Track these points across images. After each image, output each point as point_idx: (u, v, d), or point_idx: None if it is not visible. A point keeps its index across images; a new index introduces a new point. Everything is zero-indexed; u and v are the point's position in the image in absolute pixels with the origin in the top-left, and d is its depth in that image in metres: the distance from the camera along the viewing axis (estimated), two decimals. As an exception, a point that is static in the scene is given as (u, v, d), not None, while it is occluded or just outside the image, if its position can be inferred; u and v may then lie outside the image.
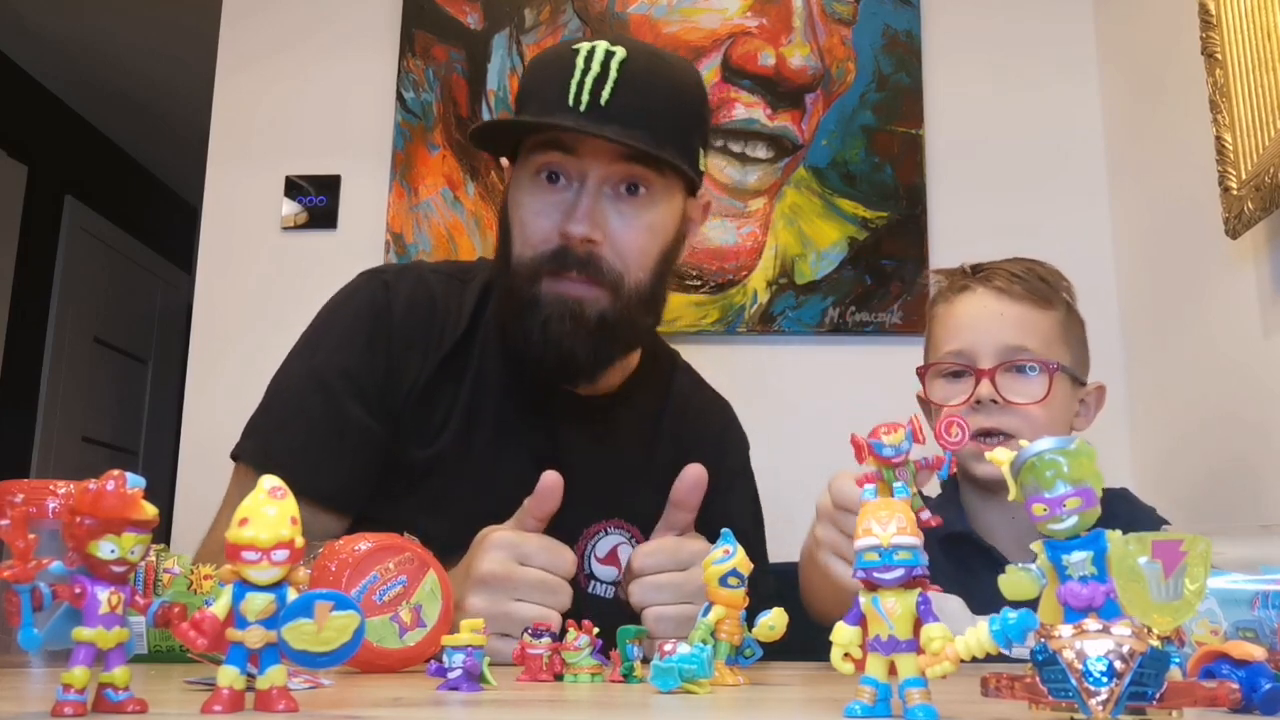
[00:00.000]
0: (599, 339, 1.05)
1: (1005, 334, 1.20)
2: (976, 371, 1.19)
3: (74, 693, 0.44)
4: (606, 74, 1.02)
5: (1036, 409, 1.17)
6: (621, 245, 1.05)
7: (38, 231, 3.86)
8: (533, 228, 1.06)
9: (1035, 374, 1.18)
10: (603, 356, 1.08)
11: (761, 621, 0.78)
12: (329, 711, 0.50)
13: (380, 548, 0.80)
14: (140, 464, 4.35)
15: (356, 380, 1.07)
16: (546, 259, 1.04)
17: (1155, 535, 0.43)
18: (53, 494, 0.82)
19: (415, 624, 0.80)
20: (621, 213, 1.05)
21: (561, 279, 1.04)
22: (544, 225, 1.05)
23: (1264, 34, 1.32)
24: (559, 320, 1.03)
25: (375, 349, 1.09)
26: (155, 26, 3.49)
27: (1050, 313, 1.23)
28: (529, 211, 1.07)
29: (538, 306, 1.04)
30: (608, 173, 1.04)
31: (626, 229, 1.05)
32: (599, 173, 1.04)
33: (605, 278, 1.04)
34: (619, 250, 1.05)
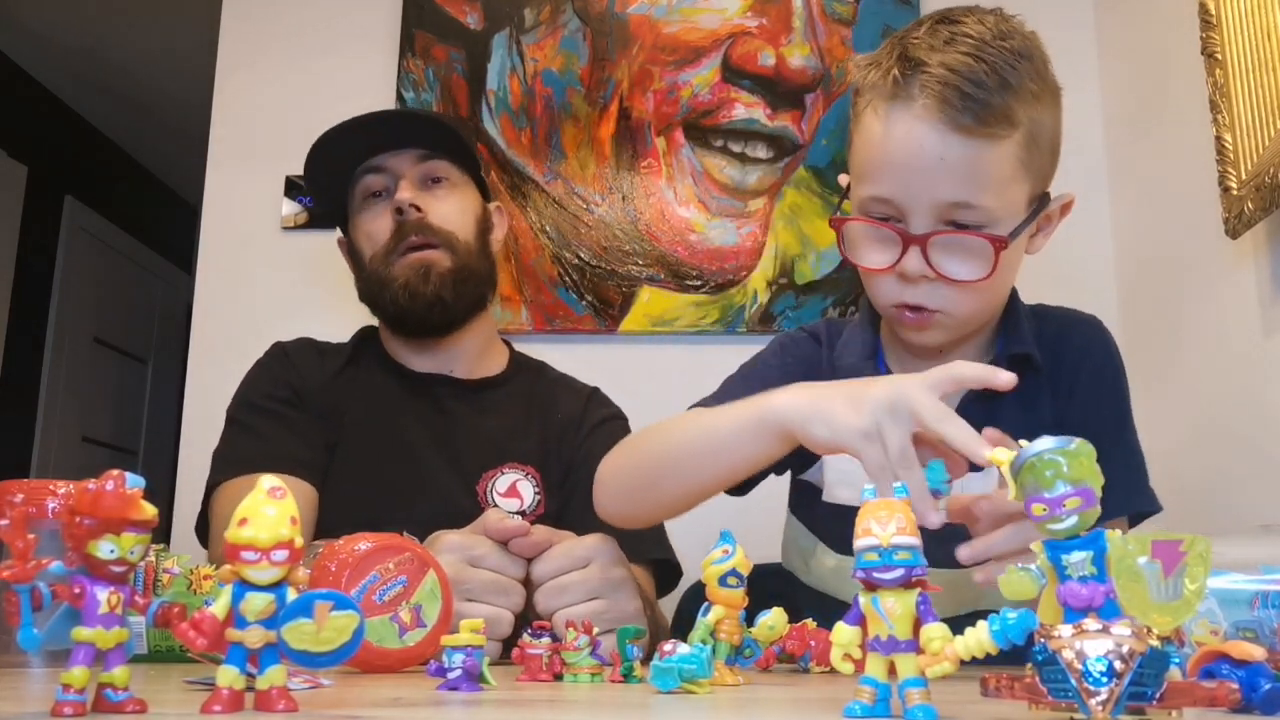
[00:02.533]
0: (454, 284, 1.28)
1: (945, 187, 0.90)
2: (905, 237, 0.92)
3: (74, 693, 0.44)
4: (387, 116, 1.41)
5: (976, 286, 0.93)
6: (441, 212, 1.30)
7: (38, 231, 3.86)
8: (373, 229, 1.30)
9: (975, 250, 0.92)
10: (464, 295, 1.29)
11: (761, 621, 0.78)
12: (329, 711, 0.50)
13: (380, 548, 0.80)
14: (140, 464, 4.35)
15: (274, 393, 1.29)
16: (390, 243, 1.28)
17: (1155, 535, 0.43)
18: (52, 494, 0.82)
19: (415, 624, 0.80)
20: (433, 193, 1.31)
21: (406, 252, 1.27)
22: (381, 223, 1.30)
23: (1264, 34, 1.32)
24: (415, 280, 1.26)
25: (277, 374, 1.31)
26: (155, 26, 3.49)
27: (1009, 138, 0.91)
28: (367, 222, 1.31)
29: (395, 278, 1.27)
30: (412, 170, 1.30)
31: (440, 202, 1.31)
32: (407, 171, 1.30)
33: (439, 235, 1.28)
34: (443, 216, 1.30)
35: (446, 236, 1.29)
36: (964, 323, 0.97)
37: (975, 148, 0.90)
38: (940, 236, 0.91)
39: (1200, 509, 1.55)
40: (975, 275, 0.92)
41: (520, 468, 1.29)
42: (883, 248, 0.95)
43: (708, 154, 2.01)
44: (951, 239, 0.91)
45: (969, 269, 0.92)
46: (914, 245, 0.92)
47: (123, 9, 3.43)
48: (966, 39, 0.91)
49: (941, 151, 0.90)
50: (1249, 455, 1.44)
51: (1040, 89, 0.95)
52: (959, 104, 0.88)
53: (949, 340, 0.99)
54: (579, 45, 2.06)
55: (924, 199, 0.91)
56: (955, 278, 0.92)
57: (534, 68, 2.06)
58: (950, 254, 0.92)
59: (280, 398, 1.28)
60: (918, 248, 0.92)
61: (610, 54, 2.05)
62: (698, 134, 2.01)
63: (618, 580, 0.96)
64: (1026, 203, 0.96)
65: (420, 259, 1.27)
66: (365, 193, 1.32)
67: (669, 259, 1.97)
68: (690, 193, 1.99)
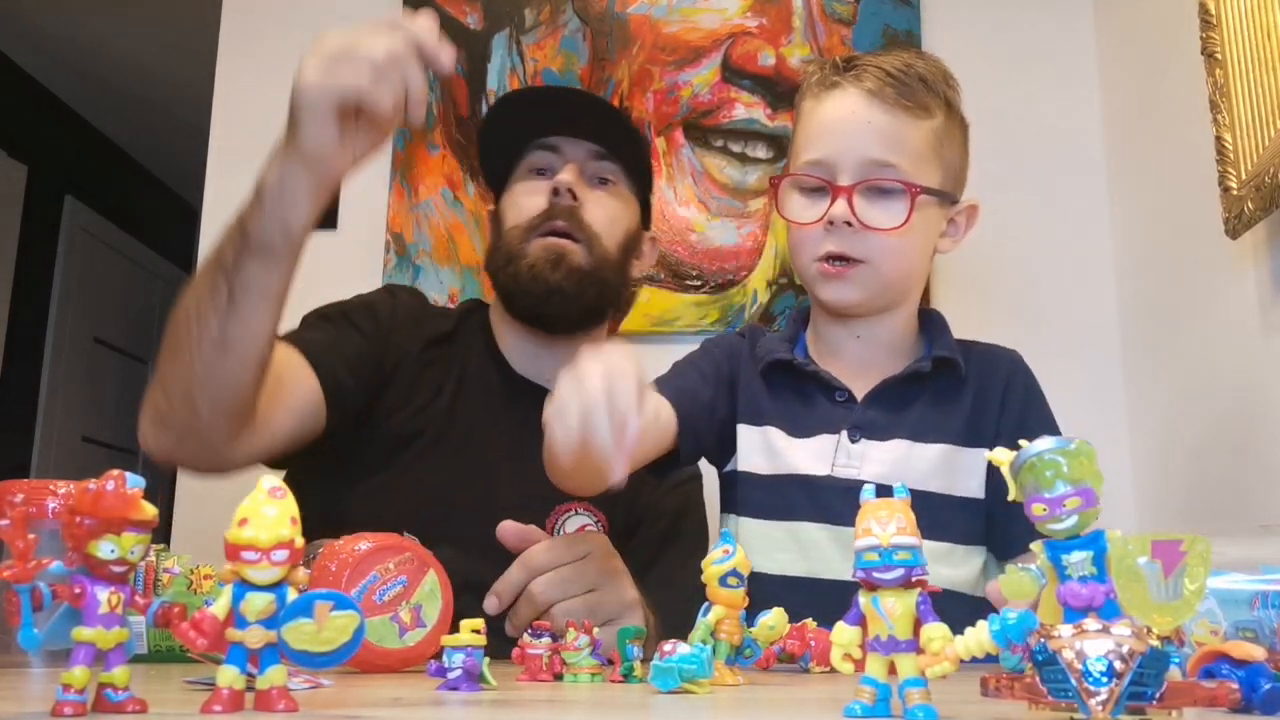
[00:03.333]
0: (579, 282, 1.23)
1: (870, 146, 1.06)
2: (834, 188, 1.06)
3: (74, 693, 0.44)
4: (579, 96, 1.33)
5: (893, 236, 1.06)
6: (596, 211, 1.25)
7: (38, 231, 3.86)
8: (525, 202, 1.26)
9: (897, 196, 1.06)
10: (584, 295, 1.24)
11: (761, 621, 0.78)
12: (329, 711, 0.50)
13: (380, 548, 0.80)
14: (140, 464, 4.35)
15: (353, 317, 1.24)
16: (536, 219, 1.24)
17: (1155, 535, 0.43)
18: (53, 494, 0.82)
19: (415, 624, 0.80)
20: (595, 192, 1.27)
21: (547, 235, 1.23)
22: (533, 200, 1.25)
23: (1264, 34, 1.32)
24: (545, 263, 1.22)
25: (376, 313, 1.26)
26: (155, 26, 3.49)
27: (925, 122, 1.09)
28: (521, 194, 1.27)
29: (526, 255, 1.23)
30: (585, 163, 1.27)
31: (599, 202, 1.27)
32: (578, 160, 1.26)
33: (584, 233, 1.23)
34: (594, 215, 1.25)
35: (591, 235, 1.24)
36: (881, 281, 1.09)
37: (897, 119, 1.07)
38: (863, 185, 1.06)
39: (1200, 509, 1.55)
40: (893, 223, 1.06)
41: (591, 511, 1.23)
42: (812, 204, 1.09)
43: (708, 154, 2.01)
44: (872, 192, 1.07)
45: (888, 217, 1.06)
46: (841, 195, 1.06)
47: (123, 9, 3.42)
48: (900, 54, 1.13)
49: (868, 116, 1.07)
50: (1249, 455, 1.44)
51: (951, 107, 1.13)
52: (885, 83, 1.08)
53: (862, 295, 1.09)
54: (579, 45, 2.06)
55: (852, 156, 1.07)
56: (875, 225, 1.06)
57: (534, 68, 2.06)
58: (872, 206, 1.07)
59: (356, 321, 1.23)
60: (844, 197, 1.06)
61: (610, 54, 2.05)
62: (698, 134, 2.01)
63: (614, 571, 0.97)
64: (938, 185, 1.11)
65: (558, 245, 1.22)
66: (531, 166, 1.28)
67: (669, 259, 1.97)
68: (690, 193, 1.99)
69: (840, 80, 1.10)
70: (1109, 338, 1.88)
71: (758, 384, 1.14)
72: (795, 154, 1.15)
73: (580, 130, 1.26)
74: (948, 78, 1.13)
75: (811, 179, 1.09)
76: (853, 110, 1.08)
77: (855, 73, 1.10)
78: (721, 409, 1.12)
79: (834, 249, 1.07)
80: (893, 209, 1.06)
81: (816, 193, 1.09)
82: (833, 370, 1.14)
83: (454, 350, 1.29)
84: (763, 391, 1.14)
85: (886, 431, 1.10)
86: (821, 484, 1.08)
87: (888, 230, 1.06)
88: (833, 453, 1.10)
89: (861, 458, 1.09)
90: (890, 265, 1.08)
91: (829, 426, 1.11)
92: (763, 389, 1.14)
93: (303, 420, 1.13)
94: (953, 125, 1.13)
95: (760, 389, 1.14)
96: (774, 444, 1.11)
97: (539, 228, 1.23)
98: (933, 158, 1.09)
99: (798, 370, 1.14)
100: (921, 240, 1.11)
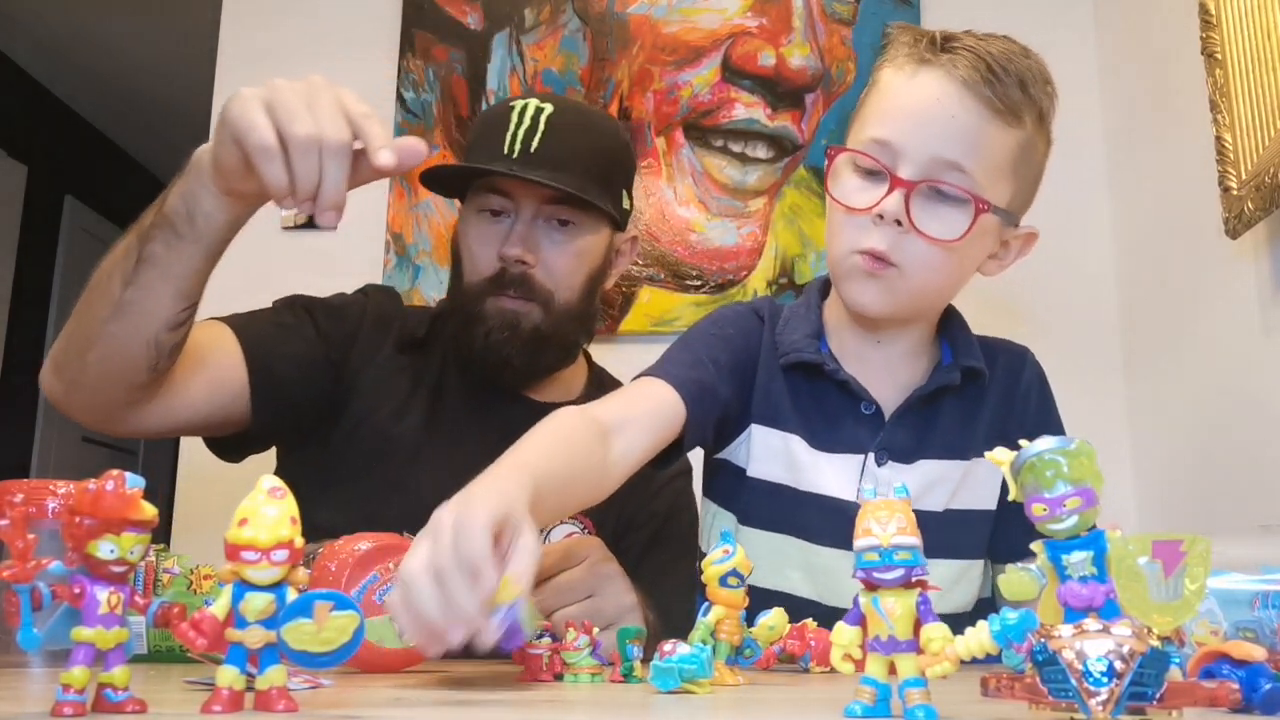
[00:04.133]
0: (533, 347, 1.20)
1: (946, 143, 0.94)
2: (894, 179, 0.94)
3: (74, 693, 0.44)
4: (536, 126, 1.19)
5: (941, 249, 0.95)
6: (552, 267, 1.20)
7: (38, 231, 3.86)
8: (477, 255, 1.22)
9: (959, 205, 0.94)
10: (537, 362, 1.22)
11: (761, 622, 0.78)
12: (329, 711, 0.50)
13: (380, 548, 0.80)
14: (140, 464, 4.35)
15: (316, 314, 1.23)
16: (489, 281, 1.20)
17: (1155, 535, 0.43)
18: (52, 494, 0.82)
19: None
20: (553, 240, 1.21)
21: (500, 297, 1.19)
22: (486, 252, 1.21)
23: (1264, 34, 1.32)
24: (498, 330, 1.19)
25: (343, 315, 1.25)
26: (155, 26, 3.49)
27: (1012, 131, 0.96)
28: (474, 241, 1.22)
29: (482, 319, 1.20)
30: (538, 210, 1.20)
31: (557, 254, 1.21)
32: (531, 209, 1.20)
33: (537, 295, 1.20)
34: (549, 271, 1.20)
35: (547, 295, 1.20)
36: (909, 292, 0.98)
37: (984, 119, 0.95)
38: (926, 185, 0.94)
39: (1200, 509, 1.55)
40: (948, 235, 0.94)
41: (579, 519, 1.21)
42: (866, 188, 0.97)
43: (708, 154, 2.01)
44: (934, 194, 0.95)
45: (944, 227, 0.94)
46: (900, 188, 0.94)
47: (123, 9, 3.43)
48: (1005, 44, 1.00)
49: (955, 110, 0.94)
50: (1249, 455, 1.44)
51: (1043, 118, 1.01)
52: (984, 77, 0.94)
53: (891, 306, 1.00)
54: (579, 45, 2.07)
55: (924, 149, 0.94)
56: (927, 232, 0.94)
57: (534, 68, 2.06)
58: (928, 210, 0.95)
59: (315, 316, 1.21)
60: (902, 191, 0.94)
61: (610, 54, 2.06)
62: (698, 134, 2.01)
63: (612, 575, 0.97)
64: (1006, 204, 0.99)
65: (511, 310, 1.19)
66: (482, 206, 1.22)
67: (669, 259, 1.97)
68: (690, 193, 1.99)
69: (933, 59, 0.97)
70: (1109, 338, 1.88)
71: (779, 383, 1.07)
72: (860, 124, 1.01)
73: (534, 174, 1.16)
74: (1048, 82, 1.01)
75: (871, 160, 0.96)
76: (937, 97, 0.95)
77: (951, 54, 0.96)
78: (734, 404, 1.05)
79: (875, 245, 0.96)
80: (951, 219, 0.94)
81: (873, 176, 0.97)
82: (856, 375, 1.05)
83: (429, 356, 1.27)
84: (784, 393, 1.06)
85: (914, 454, 1.04)
86: (845, 509, 1.01)
87: (940, 241, 0.94)
88: (858, 476, 1.03)
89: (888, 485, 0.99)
90: (924, 279, 0.98)
91: (855, 445, 1.04)
92: (784, 390, 1.06)
93: (221, 400, 1.12)
94: (1039, 139, 1.01)
95: (781, 389, 1.06)
96: (798, 457, 1.05)
97: (491, 291, 1.20)
98: (1009, 172, 0.98)
99: (824, 373, 1.05)
100: (968, 259, 1.01)
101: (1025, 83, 0.97)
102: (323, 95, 0.87)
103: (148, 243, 0.94)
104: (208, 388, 1.10)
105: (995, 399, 1.08)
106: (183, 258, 0.95)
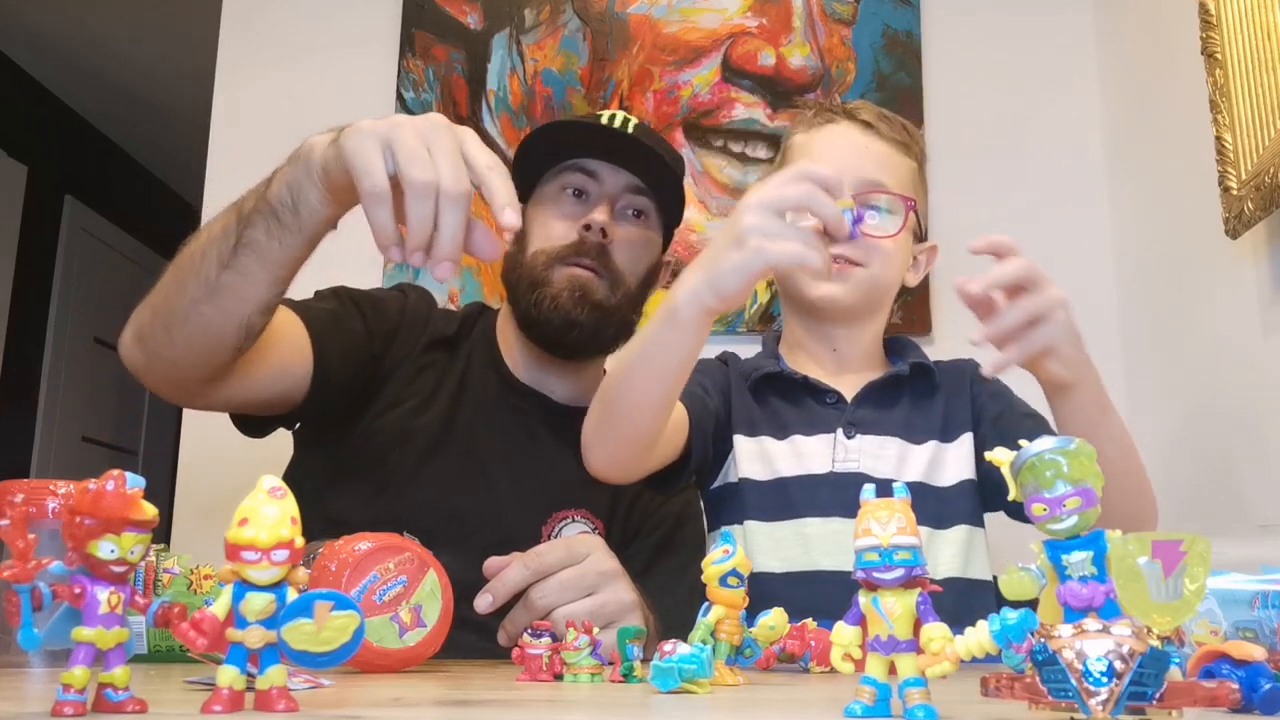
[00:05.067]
0: (599, 315, 1.22)
1: (867, 166, 1.14)
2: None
3: (74, 693, 0.44)
4: (627, 124, 1.25)
5: (887, 242, 1.13)
6: (625, 249, 1.25)
7: (38, 231, 3.86)
8: (555, 225, 1.24)
9: (889, 214, 1.13)
10: (602, 332, 1.24)
11: (761, 622, 0.78)
12: (329, 711, 0.50)
13: (380, 548, 0.80)
14: (140, 464, 4.35)
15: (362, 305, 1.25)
16: (564, 249, 1.22)
17: (1156, 535, 0.43)
18: (53, 494, 0.82)
19: (415, 624, 0.80)
20: (627, 227, 1.26)
21: (573, 266, 1.22)
22: (565, 225, 1.24)
23: (1264, 34, 1.32)
24: (568, 294, 1.21)
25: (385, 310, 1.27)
26: (155, 26, 3.49)
27: (908, 160, 1.19)
28: (553, 214, 1.25)
29: (550, 284, 1.22)
30: (619, 195, 1.25)
31: (628, 239, 1.26)
32: (616, 191, 1.25)
33: (610, 270, 1.23)
34: (622, 252, 1.24)
35: (616, 273, 1.24)
36: (874, 284, 1.15)
37: (890, 148, 1.18)
38: (862, 195, 1.10)
39: (1200, 509, 1.55)
40: (890, 230, 1.12)
41: (590, 518, 1.24)
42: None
43: (708, 154, 2.01)
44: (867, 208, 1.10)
45: (885, 226, 1.12)
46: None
47: (123, 9, 3.42)
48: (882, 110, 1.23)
49: (865, 143, 1.17)
50: (1249, 455, 1.44)
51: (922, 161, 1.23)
52: (879, 119, 1.19)
53: (852, 297, 1.15)
54: (579, 45, 2.07)
55: (850, 174, 1.10)
56: (874, 232, 1.10)
57: (534, 68, 2.06)
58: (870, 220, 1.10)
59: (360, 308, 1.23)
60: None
61: (610, 54, 2.06)
62: (698, 134, 2.01)
63: (614, 573, 0.97)
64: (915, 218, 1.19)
65: (582, 277, 1.22)
66: (566, 184, 1.26)
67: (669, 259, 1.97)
68: (690, 193, 1.99)
69: (836, 117, 1.20)
70: (1109, 338, 1.88)
71: (747, 398, 1.18)
72: None
73: (623, 160, 1.24)
74: (920, 143, 1.25)
75: None
76: (850, 137, 1.17)
77: (851, 111, 1.20)
78: (721, 418, 1.15)
79: (836, 253, 1.10)
80: (887, 221, 1.13)
81: None
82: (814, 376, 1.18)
83: (455, 354, 1.29)
84: (752, 405, 1.18)
85: (880, 427, 1.15)
86: (824, 481, 1.12)
87: (886, 236, 1.12)
88: (831, 450, 1.13)
89: (859, 452, 1.13)
90: (879, 268, 1.15)
91: (823, 427, 1.15)
92: (752, 402, 1.18)
93: (286, 382, 1.14)
94: (922, 176, 1.23)
95: (750, 402, 1.17)
96: (768, 450, 1.15)
97: (565, 258, 1.22)
98: (913, 191, 1.18)
99: (786, 380, 1.18)
100: (902, 258, 1.18)
101: (907, 129, 1.22)
102: (445, 139, 0.84)
103: (248, 228, 0.93)
104: (276, 370, 1.12)
105: (944, 397, 1.20)
106: (284, 246, 0.94)
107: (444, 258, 0.82)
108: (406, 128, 0.83)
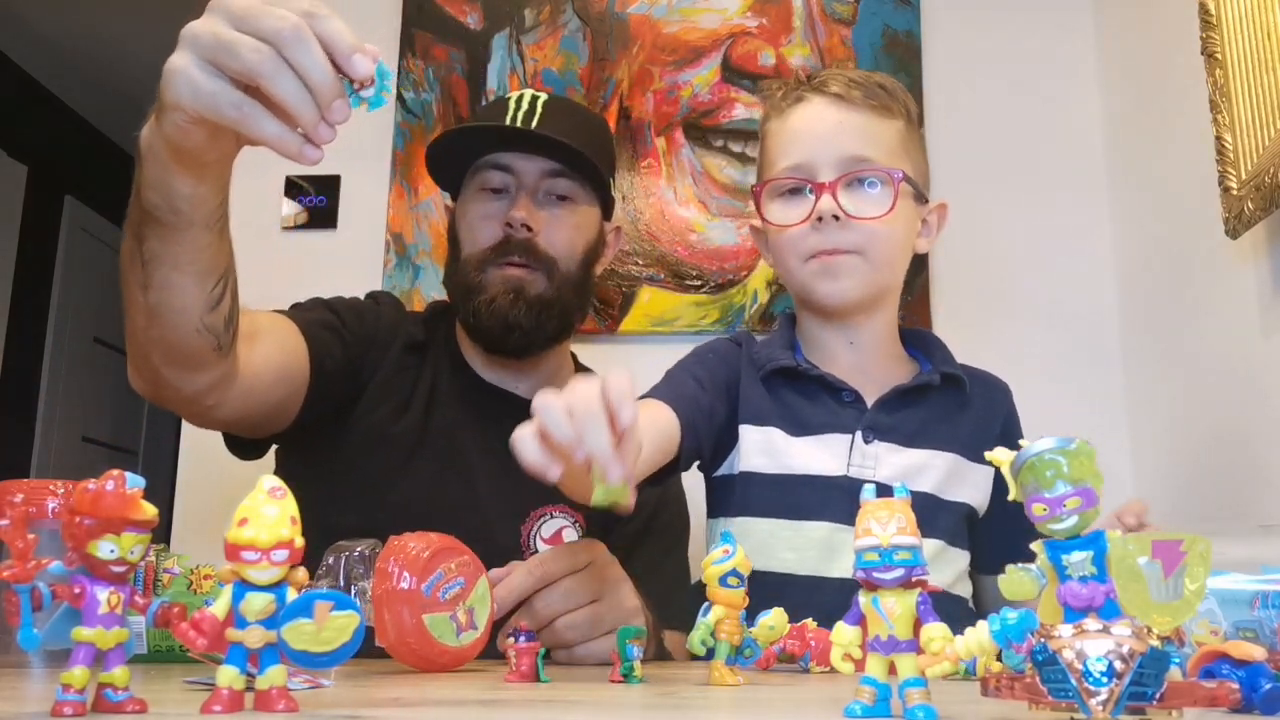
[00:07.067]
0: (538, 311, 1.22)
1: (846, 143, 1.09)
2: (816, 186, 1.09)
3: (73, 693, 0.44)
4: (534, 109, 1.25)
5: (880, 225, 1.08)
6: (553, 236, 1.24)
7: (38, 231, 3.86)
8: (479, 228, 1.25)
9: (878, 187, 1.09)
10: (543, 327, 1.24)
11: (761, 622, 0.78)
12: (329, 711, 0.50)
13: (441, 549, 0.81)
14: (140, 464, 4.35)
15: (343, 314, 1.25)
16: (492, 250, 1.23)
17: (1156, 535, 0.43)
18: (53, 494, 0.82)
19: (469, 625, 0.81)
20: (552, 213, 1.25)
21: (504, 266, 1.22)
22: (489, 225, 1.24)
23: (1264, 34, 1.32)
24: (503, 296, 1.21)
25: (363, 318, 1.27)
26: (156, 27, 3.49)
27: (892, 122, 1.13)
28: (475, 216, 1.26)
29: (484, 288, 1.22)
30: (538, 183, 1.24)
31: (557, 224, 1.25)
32: (532, 181, 1.24)
33: (541, 262, 1.23)
34: (551, 240, 1.24)
35: (549, 263, 1.24)
36: (872, 271, 1.10)
37: (866, 117, 1.11)
38: (846, 178, 1.08)
39: (1200, 509, 1.55)
40: (879, 211, 1.08)
41: (570, 513, 1.24)
42: (797, 205, 1.11)
43: (708, 154, 2.01)
44: (854, 185, 1.09)
45: (874, 207, 1.08)
46: (825, 191, 1.08)
47: (123, 9, 3.43)
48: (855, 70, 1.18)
49: (840, 118, 1.11)
50: (1249, 455, 1.44)
51: (910, 115, 1.16)
52: (850, 87, 1.12)
53: (859, 289, 1.11)
54: (579, 45, 2.06)
55: (830, 154, 1.09)
56: (862, 215, 1.07)
57: (534, 68, 2.06)
58: (856, 199, 1.09)
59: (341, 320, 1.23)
60: (829, 193, 1.08)
61: (610, 54, 2.05)
62: (698, 134, 2.01)
63: (616, 579, 0.97)
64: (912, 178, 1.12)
65: (515, 277, 1.22)
66: (484, 185, 1.26)
67: (669, 259, 1.97)
68: (690, 193, 1.99)
69: (805, 93, 1.14)
70: (1109, 338, 1.88)
71: (759, 389, 1.14)
72: (768, 166, 1.15)
73: (534, 146, 1.23)
74: (905, 91, 1.18)
75: (792, 180, 1.11)
76: (822, 115, 1.12)
77: (818, 84, 1.14)
78: (720, 414, 1.12)
79: (822, 246, 1.09)
80: (877, 198, 1.09)
81: (797, 195, 1.11)
82: (832, 373, 1.15)
83: (426, 358, 1.30)
84: (764, 396, 1.14)
85: (899, 435, 1.12)
86: (837, 484, 1.09)
87: (875, 218, 1.08)
88: (847, 453, 1.10)
89: (876, 459, 1.10)
90: (880, 253, 1.11)
91: (839, 426, 1.12)
92: (764, 393, 1.14)
93: (283, 393, 1.14)
94: (913, 132, 1.17)
95: (762, 393, 1.14)
96: (776, 444, 1.12)
97: (495, 260, 1.22)
98: (902, 154, 1.13)
99: (802, 375, 1.14)
100: (904, 232, 1.13)
101: (886, 87, 1.14)
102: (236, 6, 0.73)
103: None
104: (279, 380, 1.12)
105: (977, 410, 1.16)
106: (184, 245, 0.88)
107: (333, 98, 0.73)
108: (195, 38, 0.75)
